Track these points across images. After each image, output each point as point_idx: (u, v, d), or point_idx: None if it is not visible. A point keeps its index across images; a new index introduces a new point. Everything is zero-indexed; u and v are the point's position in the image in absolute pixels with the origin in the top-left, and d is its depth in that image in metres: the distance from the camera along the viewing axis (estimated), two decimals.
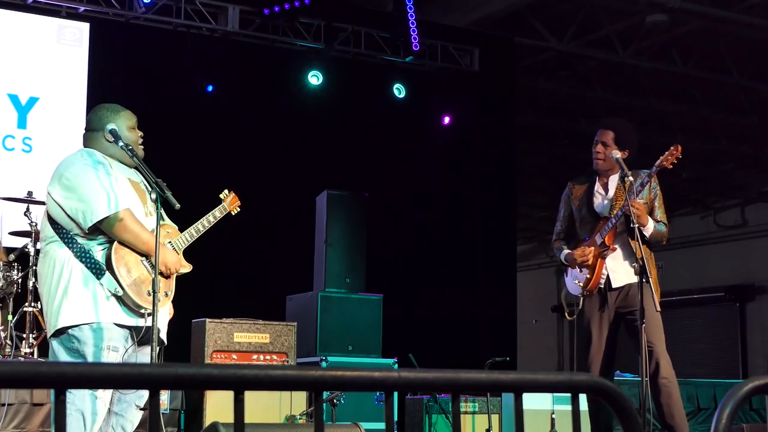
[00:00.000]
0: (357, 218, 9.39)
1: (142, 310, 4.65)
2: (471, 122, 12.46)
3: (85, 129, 4.97)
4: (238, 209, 5.36)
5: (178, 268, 4.89)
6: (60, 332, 4.60)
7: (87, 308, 4.58)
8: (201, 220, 5.11)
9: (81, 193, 4.63)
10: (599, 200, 6.17)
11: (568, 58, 13.33)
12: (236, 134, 11.02)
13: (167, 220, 5.05)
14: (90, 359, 4.51)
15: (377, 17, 11.71)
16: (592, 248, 6.05)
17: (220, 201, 5.31)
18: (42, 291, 4.72)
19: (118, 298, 4.62)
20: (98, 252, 4.64)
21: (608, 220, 6.01)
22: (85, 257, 4.62)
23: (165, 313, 4.86)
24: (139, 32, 10.73)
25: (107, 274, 4.60)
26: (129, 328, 4.69)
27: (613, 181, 6.13)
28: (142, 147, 4.94)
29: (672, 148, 5.93)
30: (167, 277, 4.82)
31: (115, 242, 4.65)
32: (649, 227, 5.95)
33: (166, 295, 4.82)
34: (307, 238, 9.54)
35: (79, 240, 4.65)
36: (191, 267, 5.01)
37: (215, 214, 5.19)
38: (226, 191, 5.35)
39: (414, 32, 11.24)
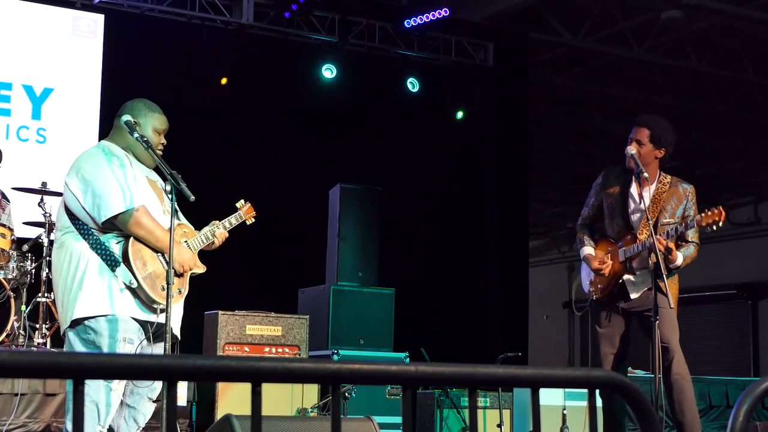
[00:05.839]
0: (370, 212, 9.38)
1: (155, 305, 4.65)
2: (484, 117, 12.44)
3: (117, 115, 4.97)
4: (253, 220, 5.34)
5: (192, 266, 4.89)
6: (76, 323, 4.61)
7: (103, 300, 4.58)
8: (214, 225, 5.10)
9: (97, 188, 4.64)
10: (632, 207, 5.99)
11: (583, 53, 13.30)
12: (249, 127, 11.03)
13: (184, 220, 5.06)
14: (105, 350, 4.52)
15: (391, 11, 11.69)
16: (613, 261, 5.96)
17: (235, 208, 5.30)
18: (57, 282, 4.72)
19: (133, 292, 4.63)
20: (114, 245, 4.65)
21: (635, 242, 5.86)
22: (100, 249, 4.62)
23: (179, 309, 4.87)
24: (154, 24, 10.74)
25: (122, 265, 4.61)
26: (142, 322, 4.70)
27: (651, 189, 5.93)
28: (160, 153, 4.93)
29: (716, 211, 5.68)
30: (180, 275, 4.82)
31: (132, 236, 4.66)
32: (678, 262, 5.79)
33: (180, 292, 4.83)
34: (319, 232, 9.55)
35: (96, 232, 4.66)
36: (205, 268, 5.01)
37: (231, 221, 5.19)
38: (242, 201, 5.33)
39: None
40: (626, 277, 5.95)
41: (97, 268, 4.61)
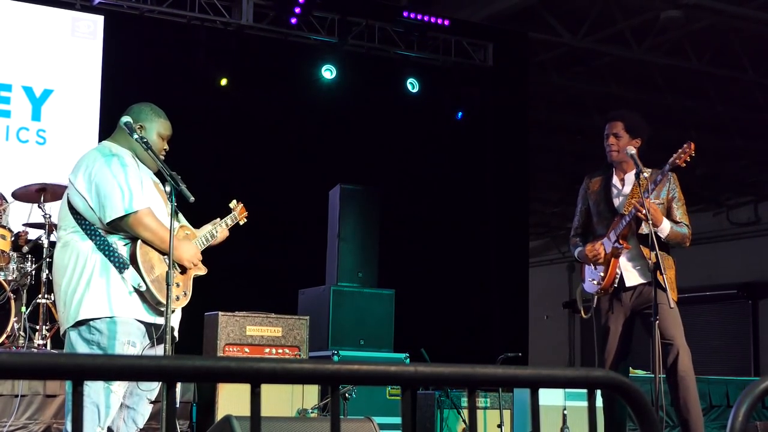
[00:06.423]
0: (370, 213, 9.38)
1: (162, 308, 4.64)
2: (484, 117, 12.44)
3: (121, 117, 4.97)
4: (246, 220, 5.36)
5: (199, 257, 4.91)
6: (79, 324, 4.60)
7: (109, 301, 4.56)
8: (214, 225, 5.11)
9: (103, 188, 4.62)
10: (615, 193, 6.09)
11: (582, 53, 13.30)
12: (249, 128, 11.03)
13: (185, 222, 5.06)
14: (108, 352, 4.51)
15: (391, 11, 11.69)
16: (605, 245, 6.00)
17: (229, 209, 5.31)
18: (59, 281, 4.68)
19: (140, 294, 4.62)
20: (121, 247, 4.64)
21: (623, 218, 5.93)
22: (108, 251, 4.60)
23: (178, 311, 4.87)
24: (153, 25, 10.74)
25: (130, 268, 4.60)
26: (148, 324, 4.69)
27: (630, 176, 6.04)
28: (162, 158, 4.93)
29: (685, 145, 5.80)
30: (183, 272, 4.83)
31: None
32: (664, 228, 5.85)
33: (185, 294, 4.83)
34: (319, 233, 9.54)
35: (103, 233, 4.63)
36: (206, 270, 5.02)
37: (227, 222, 5.21)
38: (234, 201, 5.34)
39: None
40: (622, 263, 5.98)
41: (105, 269, 4.59)
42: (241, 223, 5.34)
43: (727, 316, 19.82)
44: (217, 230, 5.11)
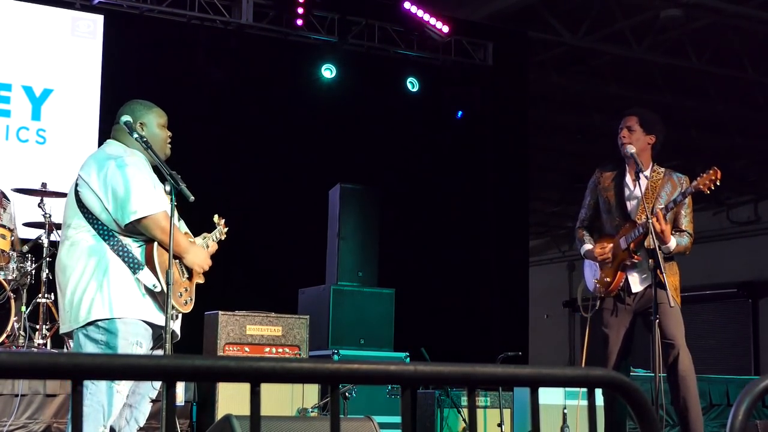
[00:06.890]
0: (370, 212, 9.39)
1: (173, 310, 4.62)
2: (484, 116, 12.43)
3: (115, 121, 4.95)
4: (225, 235, 5.35)
5: (209, 262, 4.92)
6: (88, 324, 4.58)
7: (121, 302, 4.56)
8: (205, 239, 5.11)
9: (120, 191, 4.57)
10: (627, 194, 6.05)
11: (582, 52, 13.29)
12: (249, 127, 11.03)
13: (185, 228, 5.06)
14: (118, 352, 4.49)
15: (391, 11, 11.68)
16: (615, 250, 5.97)
17: (214, 223, 5.31)
18: (66, 281, 4.63)
19: (153, 295, 4.61)
20: (135, 248, 4.62)
21: (635, 227, 5.90)
22: (122, 252, 4.58)
23: (179, 316, 4.87)
24: (153, 24, 10.74)
25: (145, 269, 4.58)
26: (156, 327, 4.67)
27: (644, 177, 6.02)
28: (169, 146, 4.94)
29: (711, 171, 5.78)
30: (190, 278, 4.83)
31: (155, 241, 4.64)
32: (671, 245, 5.84)
33: (191, 299, 4.83)
34: (319, 232, 9.55)
35: (117, 235, 4.61)
36: (204, 279, 5.02)
37: (216, 235, 5.21)
38: (216, 216, 5.32)
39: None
40: (629, 270, 5.97)
41: (119, 270, 4.56)
42: (222, 238, 5.32)
43: (727, 315, 19.81)
44: (208, 244, 5.11)
